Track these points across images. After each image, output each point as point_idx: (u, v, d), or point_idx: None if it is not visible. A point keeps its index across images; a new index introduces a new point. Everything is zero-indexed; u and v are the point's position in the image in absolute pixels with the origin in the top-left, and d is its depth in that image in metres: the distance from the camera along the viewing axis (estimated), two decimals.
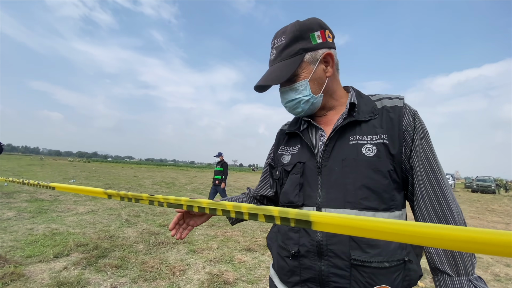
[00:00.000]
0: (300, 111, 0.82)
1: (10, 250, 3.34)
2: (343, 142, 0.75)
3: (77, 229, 4.50)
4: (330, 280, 0.69)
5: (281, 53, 0.79)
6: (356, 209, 0.69)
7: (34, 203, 6.41)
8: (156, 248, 3.80)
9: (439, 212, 0.69)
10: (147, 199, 0.62)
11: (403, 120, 0.74)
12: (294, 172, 0.80)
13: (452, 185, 27.12)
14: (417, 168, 0.72)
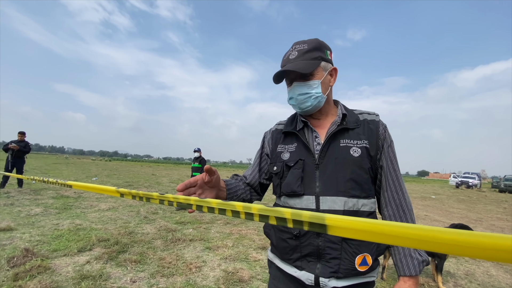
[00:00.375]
0: (308, 105, 0.98)
1: (38, 244, 3.53)
2: (336, 144, 0.95)
3: (99, 225, 4.69)
4: (326, 252, 0.88)
5: (304, 55, 0.96)
6: (345, 196, 0.89)
7: (59, 200, 6.74)
8: (173, 245, 3.89)
9: (397, 200, 0.94)
10: (158, 198, 0.63)
11: (379, 131, 0.97)
12: (296, 167, 0.96)
13: (478, 185, 25.84)
14: (385, 167, 0.96)
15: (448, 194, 17.27)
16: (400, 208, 0.94)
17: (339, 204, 0.89)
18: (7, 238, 3.64)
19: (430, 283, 3.11)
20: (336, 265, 0.87)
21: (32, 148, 8.47)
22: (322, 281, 0.88)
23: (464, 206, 11.27)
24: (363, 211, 0.91)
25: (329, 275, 0.87)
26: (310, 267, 0.90)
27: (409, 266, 0.89)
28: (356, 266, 0.87)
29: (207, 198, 0.92)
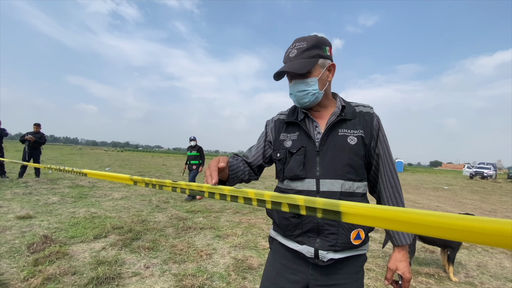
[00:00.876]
0: (306, 101, 1.06)
1: (56, 231, 3.69)
2: (335, 133, 1.04)
3: (113, 213, 4.84)
4: (324, 228, 0.98)
5: (302, 53, 1.03)
6: (342, 179, 0.99)
7: (75, 189, 6.98)
8: (184, 233, 3.99)
9: (393, 183, 1.07)
10: (170, 186, 0.65)
11: (373, 123, 1.07)
12: (299, 154, 1.05)
13: (493, 176, 25.15)
14: (382, 155, 1.07)
15: (461, 185, 16.91)
16: (395, 190, 1.07)
17: (337, 186, 0.99)
18: (26, 226, 3.81)
19: (441, 273, 3.10)
20: (333, 240, 0.98)
21: (47, 139, 8.72)
22: (321, 253, 0.98)
23: (478, 197, 11.03)
24: (357, 192, 1.02)
25: (328, 248, 0.98)
26: (310, 241, 1.00)
27: (404, 237, 1.05)
28: (351, 240, 0.99)
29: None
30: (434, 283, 2.87)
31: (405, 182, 17.46)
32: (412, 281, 2.87)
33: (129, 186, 8.00)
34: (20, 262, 2.72)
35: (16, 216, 4.17)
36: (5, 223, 3.84)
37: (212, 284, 2.55)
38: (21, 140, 8.06)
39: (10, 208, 4.68)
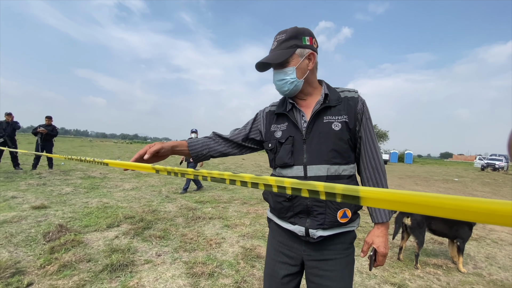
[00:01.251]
0: (286, 89, 1.12)
1: (70, 220, 3.81)
2: (320, 121, 1.10)
3: (125, 203, 4.96)
4: (313, 209, 1.06)
5: (280, 44, 1.10)
6: (328, 164, 1.06)
7: (87, 180, 7.15)
8: (194, 222, 4.07)
9: (373, 164, 1.12)
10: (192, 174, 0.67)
11: (357, 106, 1.12)
12: (287, 143, 1.12)
13: (505, 167, 24.62)
14: (364, 138, 1.12)
15: (472, 177, 16.64)
16: (375, 171, 1.12)
17: (322, 170, 1.06)
18: (42, 215, 3.94)
19: (449, 265, 3.10)
20: (322, 219, 1.06)
21: (58, 132, 8.91)
22: (311, 231, 1.07)
23: (488, 189, 10.85)
24: (343, 175, 1.09)
25: (316, 227, 1.07)
26: (301, 222, 1.09)
27: (382, 215, 1.11)
28: (338, 219, 1.07)
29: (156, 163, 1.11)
30: (442, 274, 2.88)
31: (414, 174, 17.27)
32: (420, 271, 2.88)
33: (139, 177, 8.15)
34: (36, 250, 2.83)
35: (31, 206, 4.32)
36: (20, 213, 3.98)
37: (221, 271, 2.62)
38: (34, 133, 8.26)
39: (25, 198, 4.85)
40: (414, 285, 2.60)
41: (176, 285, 2.35)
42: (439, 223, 3.12)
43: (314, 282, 1.11)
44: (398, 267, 2.98)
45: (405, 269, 2.94)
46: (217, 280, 2.47)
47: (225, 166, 14.11)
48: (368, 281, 2.61)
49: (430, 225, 3.14)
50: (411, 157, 37.95)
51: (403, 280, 2.67)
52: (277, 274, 1.18)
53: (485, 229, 4.77)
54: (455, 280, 2.75)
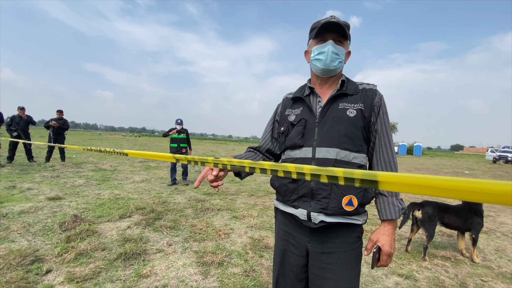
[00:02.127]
0: (334, 64, 1.11)
1: (84, 211, 3.94)
2: (335, 106, 1.11)
3: (135, 195, 5.08)
4: (318, 193, 1.05)
5: (343, 25, 1.09)
6: (338, 148, 1.05)
7: (98, 172, 7.32)
8: (203, 213, 4.15)
9: (387, 159, 1.10)
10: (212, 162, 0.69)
11: (375, 98, 1.12)
12: (299, 125, 1.14)
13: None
14: (380, 131, 1.11)
15: (483, 170, 16.33)
16: (389, 166, 1.10)
17: (332, 153, 1.05)
18: (57, 206, 4.08)
19: (457, 257, 3.09)
20: (325, 203, 1.04)
21: (69, 125, 9.09)
22: (313, 215, 1.05)
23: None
24: (353, 162, 1.07)
25: (319, 210, 1.04)
26: (304, 205, 1.08)
27: (391, 212, 1.06)
28: (343, 205, 1.03)
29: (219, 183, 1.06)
30: (451, 266, 2.88)
31: (423, 166, 17.05)
32: (428, 263, 2.89)
33: (149, 169, 8.29)
34: (53, 239, 2.95)
35: (46, 197, 4.47)
36: (37, 204, 4.13)
37: (231, 261, 2.69)
38: (46, 126, 8.45)
39: (40, 190, 5.01)
40: (421, 276, 2.62)
41: (187, 273, 2.43)
42: (452, 217, 3.11)
43: (316, 274, 1.09)
44: (406, 258, 3.00)
45: (413, 260, 2.95)
46: (227, 269, 2.53)
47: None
48: (375, 272, 2.64)
49: (442, 219, 3.12)
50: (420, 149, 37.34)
51: (410, 271, 2.69)
52: (287, 262, 1.18)
53: (495, 222, 4.72)
54: (463, 272, 2.75)
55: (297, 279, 1.17)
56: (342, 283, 1.05)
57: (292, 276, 1.17)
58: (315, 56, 1.13)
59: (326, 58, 1.10)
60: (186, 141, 6.56)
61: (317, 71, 1.16)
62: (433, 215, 3.08)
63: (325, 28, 1.10)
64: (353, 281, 1.08)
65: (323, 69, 1.13)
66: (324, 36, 1.12)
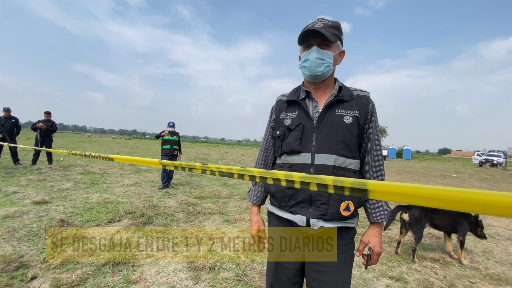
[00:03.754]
0: (320, 70, 1.11)
1: (71, 215, 3.83)
2: (332, 112, 1.12)
3: (125, 198, 4.99)
4: (316, 199, 1.06)
5: (328, 28, 1.09)
6: (336, 154, 1.08)
7: (87, 176, 7.16)
8: (194, 217, 4.10)
9: (377, 165, 1.15)
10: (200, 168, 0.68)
11: (369, 106, 1.15)
12: (297, 130, 1.14)
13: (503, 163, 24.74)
14: (372, 138, 1.15)
15: (470, 173, 16.73)
16: (379, 172, 1.15)
17: (330, 160, 1.07)
18: (43, 210, 3.96)
19: (446, 259, 3.14)
20: (324, 209, 1.06)
21: (57, 127, 8.88)
22: (312, 221, 1.07)
23: (486, 184, 10.93)
24: (349, 168, 1.10)
25: (318, 216, 1.06)
26: (303, 211, 1.10)
27: (381, 215, 1.12)
28: (341, 211, 1.06)
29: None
30: (439, 267, 2.92)
31: (412, 169, 17.35)
32: (417, 265, 2.93)
33: (139, 173, 8.17)
34: (39, 244, 2.86)
35: (32, 202, 4.33)
36: (22, 208, 4.00)
37: (222, 265, 2.66)
38: (33, 128, 8.24)
39: (26, 194, 4.86)
40: (411, 278, 2.65)
41: (178, 278, 2.39)
42: (442, 217, 3.16)
43: (313, 277, 1.12)
44: (396, 261, 3.03)
45: (403, 263, 2.99)
46: (218, 273, 2.50)
47: (224, 162, 14.14)
48: (366, 274, 2.66)
49: (432, 220, 3.17)
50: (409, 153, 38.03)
51: (400, 273, 2.72)
52: (281, 266, 1.20)
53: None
54: (452, 274, 2.80)
55: (291, 283, 1.19)
56: (339, 284, 1.09)
57: (287, 280, 1.19)
58: (302, 64, 1.15)
59: (311, 65, 1.11)
60: (178, 143, 6.59)
61: (306, 77, 1.17)
62: (420, 217, 3.12)
63: (306, 34, 1.11)
64: (347, 281, 1.14)
65: (310, 76, 1.14)
66: (309, 41, 1.12)
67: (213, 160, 14.83)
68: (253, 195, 1.34)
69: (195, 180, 7.54)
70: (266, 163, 1.32)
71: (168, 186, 6.28)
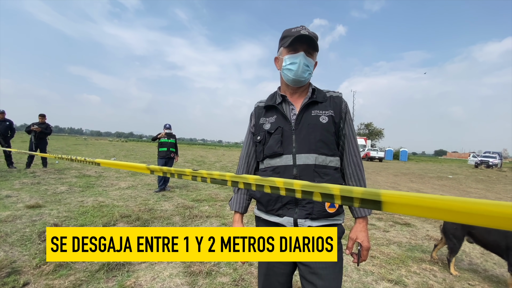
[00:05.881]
0: (305, 76, 1.16)
1: (65, 219, 3.77)
2: (308, 114, 1.17)
3: (121, 202, 4.92)
4: (302, 199, 1.04)
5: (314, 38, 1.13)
6: (316, 153, 1.12)
7: (82, 179, 7.07)
8: (191, 221, 4.05)
9: (355, 161, 1.19)
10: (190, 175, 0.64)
11: (342, 105, 1.21)
12: (276, 133, 1.17)
13: (498, 164, 24.93)
14: (348, 135, 1.20)
15: (466, 174, 16.83)
16: (357, 168, 1.19)
17: (311, 159, 1.11)
18: (36, 215, 3.89)
19: (445, 261, 3.12)
20: (310, 208, 1.09)
21: (53, 130, 8.79)
22: (300, 221, 1.10)
23: (482, 186, 10.98)
24: (330, 166, 1.14)
25: (305, 216, 1.09)
26: (289, 213, 1.12)
27: (365, 209, 1.14)
28: (326, 208, 1.10)
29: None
30: (438, 270, 2.90)
31: (409, 171, 17.41)
32: (416, 268, 2.91)
33: (135, 175, 8.09)
34: (31, 250, 2.79)
35: (25, 205, 4.26)
36: (15, 212, 3.92)
37: (219, 270, 2.61)
38: (27, 131, 8.14)
39: (19, 197, 4.78)
40: (410, 281, 2.62)
41: (173, 284, 2.34)
42: (483, 232, 2.71)
43: (307, 280, 1.11)
44: (395, 263, 3.00)
45: (402, 266, 2.96)
46: (215, 278, 2.46)
47: (222, 165, 14.09)
48: (365, 278, 2.63)
49: (470, 233, 2.81)
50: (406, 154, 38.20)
51: (399, 276, 2.69)
52: (272, 273, 1.20)
53: None
54: (451, 277, 2.78)
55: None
56: (334, 283, 1.10)
57: (279, 286, 1.20)
58: (287, 66, 1.16)
59: (298, 69, 1.14)
60: (175, 146, 6.53)
61: (288, 81, 1.19)
62: (455, 227, 2.87)
63: (297, 39, 1.13)
64: (340, 279, 1.14)
65: (294, 80, 1.17)
66: (295, 46, 1.14)
67: (210, 163, 14.76)
68: (236, 203, 1.33)
69: (192, 183, 7.48)
70: (248, 168, 1.33)
71: (164, 189, 6.21)
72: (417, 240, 3.86)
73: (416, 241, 3.81)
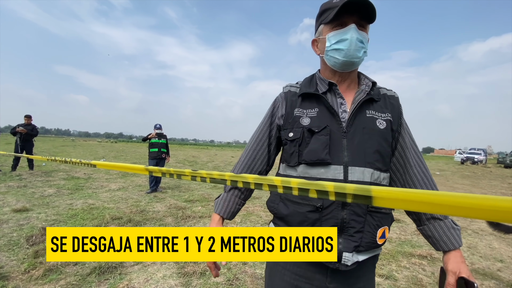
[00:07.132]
0: (359, 55, 0.88)
1: (54, 223, 3.69)
2: (362, 114, 0.89)
3: (111, 204, 4.84)
4: (350, 226, 0.83)
5: (366, 3, 0.84)
6: (372, 168, 0.86)
7: (71, 181, 6.93)
8: (184, 222, 4.03)
9: (425, 177, 0.92)
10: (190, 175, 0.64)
11: (400, 108, 0.96)
12: (323, 134, 0.87)
13: (484, 161, 25.70)
14: (408, 144, 0.94)
15: (452, 170, 17.28)
16: (431, 184, 0.92)
17: (367, 175, 0.84)
18: (24, 218, 3.79)
19: (433, 255, 3.21)
20: (359, 239, 0.83)
21: (39, 131, 8.56)
22: (345, 256, 0.82)
23: (468, 181, 11.32)
24: (383, 184, 0.89)
25: (352, 249, 0.82)
26: None
27: (456, 239, 0.85)
28: (377, 239, 0.85)
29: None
30: (427, 264, 2.98)
31: None
32: (406, 262, 2.98)
33: (125, 177, 7.97)
34: (19, 254, 2.73)
35: (12, 209, 4.14)
36: (1, 216, 3.82)
37: None
38: (12, 133, 7.90)
39: (5, 201, 4.64)
40: (401, 275, 2.68)
41: (167, 285, 2.32)
42: None
43: None
44: (386, 259, 3.07)
45: (392, 260, 3.03)
46: (209, 278, 2.45)
47: (214, 165, 14.03)
48: None
49: None
50: None
51: (390, 271, 2.75)
52: None
53: (466, 220, 4.97)
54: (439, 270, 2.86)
55: None
56: None
57: None
58: (333, 46, 0.88)
59: (350, 47, 0.85)
60: (166, 146, 6.47)
61: (336, 65, 0.90)
62: None
63: (344, 9, 0.83)
64: None
65: (344, 62, 0.88)
66: (342, 19, 0.87)
67: (202, 163, 14.68)
68: (223, 204, 1.00)
69: (184, 183, 7.43)
70: (250, 167, 1.02)
71: (156, 190, 6.15)
72: (406, 235, 3.94)
73: (405, 236, 3.89)
